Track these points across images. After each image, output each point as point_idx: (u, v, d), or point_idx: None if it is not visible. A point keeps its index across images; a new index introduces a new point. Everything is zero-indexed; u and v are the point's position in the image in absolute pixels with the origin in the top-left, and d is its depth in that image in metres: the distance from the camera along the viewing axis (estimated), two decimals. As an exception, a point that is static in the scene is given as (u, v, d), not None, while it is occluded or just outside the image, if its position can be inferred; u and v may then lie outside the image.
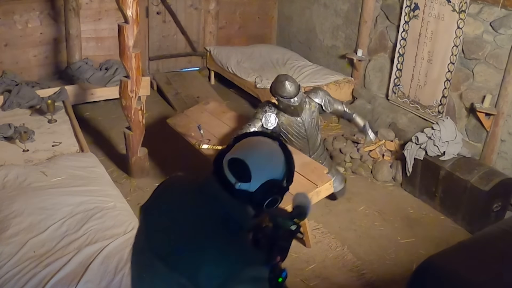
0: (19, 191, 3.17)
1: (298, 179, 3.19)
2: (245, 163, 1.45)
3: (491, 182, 3.82)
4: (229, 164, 1.48)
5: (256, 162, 1.46)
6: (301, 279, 3.27)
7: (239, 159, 1.47)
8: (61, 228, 2.85)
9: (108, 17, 5.78)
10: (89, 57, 5.78)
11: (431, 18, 4.57)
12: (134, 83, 3.97)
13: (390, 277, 3.39)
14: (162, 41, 6.37)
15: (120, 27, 3.78)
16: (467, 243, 2.80)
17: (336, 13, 5.91)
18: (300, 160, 3.32)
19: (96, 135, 5.05)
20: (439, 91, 4.60)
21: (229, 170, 1.47)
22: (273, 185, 1.48)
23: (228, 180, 1.47)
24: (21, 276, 2.47)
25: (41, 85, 5.15)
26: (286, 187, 1.53)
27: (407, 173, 4.39)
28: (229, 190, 1.47)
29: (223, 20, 6.68)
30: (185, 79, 6.41)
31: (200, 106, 4.50)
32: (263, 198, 1.47)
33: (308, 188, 3.11)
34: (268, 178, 1.47)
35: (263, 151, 1.51)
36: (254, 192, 1.47)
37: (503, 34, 3.99)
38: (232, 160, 1.48)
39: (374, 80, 5.43)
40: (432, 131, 4.20)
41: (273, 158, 1.52)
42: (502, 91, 4.05)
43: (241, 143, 1.55)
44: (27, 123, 4.25)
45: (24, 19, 5.36)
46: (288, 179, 1.54)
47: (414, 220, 4.07)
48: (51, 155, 3.90)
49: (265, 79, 5.51)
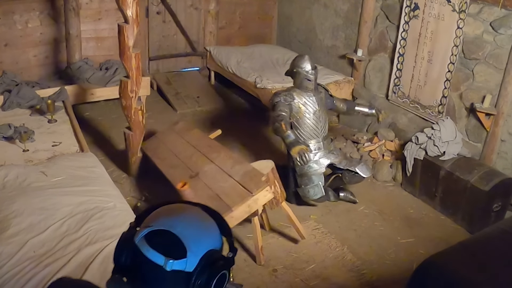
0: (19, 191, 3.17)
1: (236, 188, 3.23)
2: (172, 233, 1.09)
3: (491, 182, 3.82)
4: (149, 241, 1.10)
5: (188, 229, 1.11)
6: (301, 279, 3.27)
7: (163, 231, 1.10)
8: (61, 228, 2.85)
9: (108, 17, 5.78)
10: (89, 57, 5.78)
11: (431, 18, 4.57)
12: (134, 83, 3.97)
13: (390, 277, 3.38)
14: (162, 41, 6.38)
15: (120, 27, 3.78)
16: (467, 243, 2.79)
17: (336, 13, 5.91)
18: (242, 170, 3.37)
19: (96, 135, 5.05)
20: (439, 91, 4.60)
21: (152, 248, 1.10)
22: (216, 257, 1.13)
23: (153, 263, 1.09)
24: (21, 276, 2.47)
25: (41, 85, 5.15)
26: (231, 257, 1.19)
27: (407, 173, 4.39)
28: (157, 277, 1.09)
29: (223, 20, 6.68)
30: (185, 79, 6.41)
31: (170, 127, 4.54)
32: (209, 276, 1.11)
33: (244, 197, 3.13)
34: (207, 249, 1.13)
35: (189, 216, 1.17)
36: (194, 271, 1.09)
37: (503, 34, 3.99)
38: (152, 234, 1.11)
39: (374, 80, 5.43)
40: (432, 131, 4.20)
41: (205, 222, 1.18)
42: (502, 91, 4.05)
43: (154, 213, 1.18)
44: (27, 123, 4.25)
45: (24, 19, 5.36)
46: (230, 245, 1.21)
47: (414, 220, 4.07)
48: (51, 155, 3.90)
49: (265, 79, 5.51)
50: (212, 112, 5.83)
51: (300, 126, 3.91)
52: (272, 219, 3.80)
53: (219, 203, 3.14)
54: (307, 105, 3.91)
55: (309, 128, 3.92)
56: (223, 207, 3.08)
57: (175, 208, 1.21)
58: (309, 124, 3.92)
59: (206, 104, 5.95)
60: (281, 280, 3.26)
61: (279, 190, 3.34)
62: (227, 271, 1.15)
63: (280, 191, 3.35)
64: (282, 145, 5.07)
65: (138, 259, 1.11)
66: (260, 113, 5.78)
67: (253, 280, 3.23)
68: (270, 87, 5.35)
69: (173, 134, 4.29)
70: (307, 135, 3.92)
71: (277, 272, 3.32)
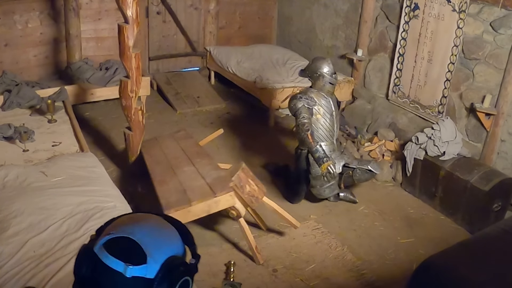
0: (19, 191, 3.17)
1: (203, 188, 3.33)
2: (132, 240, 1.07)
3: (491, 182, 3.82)
4: (108, 248, 1.07)
5: (147, 236, 1.09)
6: (301, 279, 3.28)
7: (122, 238, 1.08)
8: (61, 228, 2.85)
9: (108, 17, 5.78)
10: (89, 57, 5.78)
11: (431, 18, 4.57)
12: (134, 83, 3.97)
13: (390, 277, 3.39)
14: (162, 41, 6.38)
15: (120, 27, 3.78)
16: (467, 243, 2.80)
17: (336, 13, 5.91)
18: (216, 174, 3.48)
19: (96, 135, 5.05)
20: (439, 91, 4.60)
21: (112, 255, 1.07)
22: (178, 263, 1.10)
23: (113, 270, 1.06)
24: (21, 276, 2.47)
25: (41, 85, 5.15)
26: (194, 264, 1.16)
27: (407, 173, 4.39)
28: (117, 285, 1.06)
29: (223, 20, 6.68)
30: (185, 79, 6.41)
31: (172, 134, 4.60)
32: (170, 283, 1.08)
33: (206, 196, 3.21)
34: (168, 255, 1.10)
35: (149, 223, 1.15)
36: (155, 278, 1.07)
37: (503, 34, 3.99)
38: (111, 242, 1.08)
39: (374, 80, 5.43)
40: (432, 131, 4.21)
41: (165, 229, 1.16)
42: (502, 91, 4.05)
43: (114, 223, 1.17)
44: (27, 123, 4.25)
45: (24, 19, 5.36)
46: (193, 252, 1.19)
47: (414, 220, 4.07)
48: (51, 155, 3.90)
49: (265, 79, 5.51)
50: (212, 112, 5.83)
51: (317, 127, 3.93)
52: (271, 220, 3.80)
53: (182, 196, 3.27)
54: (325, 107, 3.94)
55: (325, 129, 3.95)
56: (184, 200, 3.22)
57: (135, 216, 1.20)
58: (325, 126, 3.95)
59: (206, 104, 5.95)
60: (281, 280, 3.26)
61: (256, 188, 3.36)
62: (190, 277, 1.13)
63: (257, 188, 3.37)
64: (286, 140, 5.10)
65: (98, 269, 1.07)
66: (260, 113, 5.78)
67: (253, 280, 3.23)
68: (270, 87, 5.35)
69: (170, 139, 4.37)
70: (323, 136, 3.94)
71: (277, 272, 3.33)
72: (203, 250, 3.44)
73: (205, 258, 3.37)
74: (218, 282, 3.09)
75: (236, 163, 4.62)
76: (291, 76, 5.71)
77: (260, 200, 3.39)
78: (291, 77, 5.68)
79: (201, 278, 3.18)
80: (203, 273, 3.24)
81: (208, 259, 3.36)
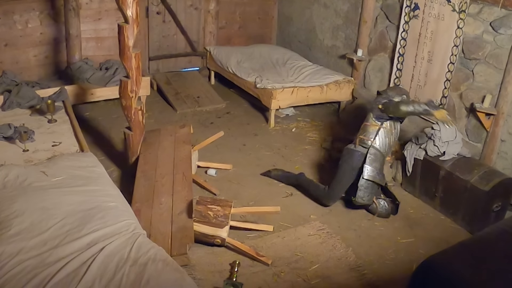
0: (20, 191, 3.17)
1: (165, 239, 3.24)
2: None
3: (491, 182, 3.82)
4: None
5: None
6: (302, 279, 3.28)
7: None
8: (62, 228, 2.85)
9: (108, 17, 5.79)
10: (89, 57, 5.79)
11: (431, 18, 4.57)
12: (134, 83, 3.97)
13: (390, 277, 3.38)
14: (162, 41, 6.38)
15: (120, 27, 3.78)
16: (467, 243, 2.80)
17: (336, 13, 5.91)
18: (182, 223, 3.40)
19: (96, 135, 5.05)
20: (439, 91, 4.61)
21: None
22: None
23: None
24: (22, 276, 2.47)
25: (41, 85, 5.16)
26: None
27: (407, 173, 4.39)
28: None
29: (223, 20, 6.69)
30: (185, 79, 6.42)
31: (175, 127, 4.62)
32: None
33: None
34: None
35: None
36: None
37: (503, 34, 3.99)
38: None
39: (374, 80, 5.43)
40: (432, 131, 4.21)
41: None
42: (502, 91, 4.05)
43: None
44: (27, 123, 4.25)
45: (24, 19, 5.37)
46: None
47: (414, 220, 4.07)
48: (51, 155, 3.90)
49: (265, 79, 5.51)
50: (212, 112, 5.83)
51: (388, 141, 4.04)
52: (275, 220, 3.81)
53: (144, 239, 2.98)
54: (395, 123, 4.05)
55: (390, 145, 4.08)
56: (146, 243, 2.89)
57: None
58: (391, 142, 4.07)
59: (206, 104, 5.95)
60: (283, 279, 3.27)
61: (219, 207, 3.46)
62: None
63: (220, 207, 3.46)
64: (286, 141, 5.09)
65: None
66: (260, 113, 5.78)
67: (256, 279, 3.23)
68: (270, 87, 5.35)
69: (170, 139, 4.34)
70: (388, 151, 4.10)
71: (280, 271, 3.32)
72: (208, 249, 3.45)
73: (210, 257, 3.38)
74: (222, 282, 3.09)
75: (236, 163, 4.64)
76: (291, 76, 5.72)
77: (229, 214, 3.46)
78: (291, 77, 5.69)
79: (205, 276, 3.18)
80: (207, 272, 3.24)
81: (213, 258, 3.37)
